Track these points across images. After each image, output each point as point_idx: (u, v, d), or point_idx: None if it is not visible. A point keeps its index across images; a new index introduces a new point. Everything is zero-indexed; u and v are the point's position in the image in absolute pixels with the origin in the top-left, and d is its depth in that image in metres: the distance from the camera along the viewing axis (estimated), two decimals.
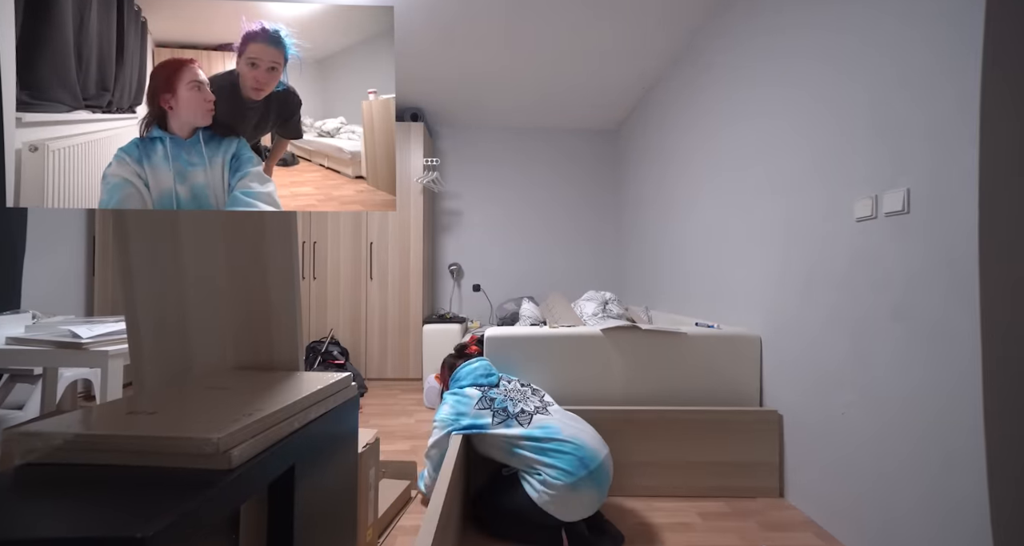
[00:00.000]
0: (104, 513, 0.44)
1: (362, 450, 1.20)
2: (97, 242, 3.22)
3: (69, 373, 2.35)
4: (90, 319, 1.86)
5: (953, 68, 1.13)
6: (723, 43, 2.30)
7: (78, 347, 1.52)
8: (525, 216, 4.25)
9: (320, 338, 3.52)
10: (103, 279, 3.22)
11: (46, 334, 1.58)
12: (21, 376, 2.28)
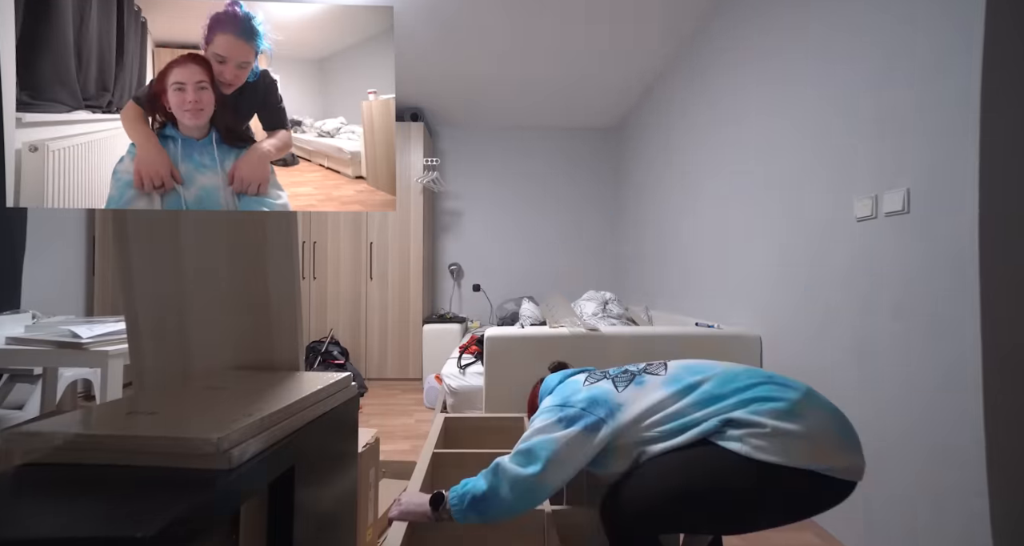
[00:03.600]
0: (104, 513, 0.44)
1: (362, 450, 1.20)
2: (97, 242, 3.22)
3: (69, 373, 2.35)
4: (90, 319, 1.87)
5: (953, 67, 1.13)
6: (722, 43, 2.30)
7: (78, 347, 1.52)
8: (525, 216, 4.25)
9: (320, 338, 3.52)
10: (103, 279, 3.22)
11: (46, 334, 1.58)
12: (21, 376, 2.28)
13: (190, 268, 0.89)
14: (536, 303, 3.54)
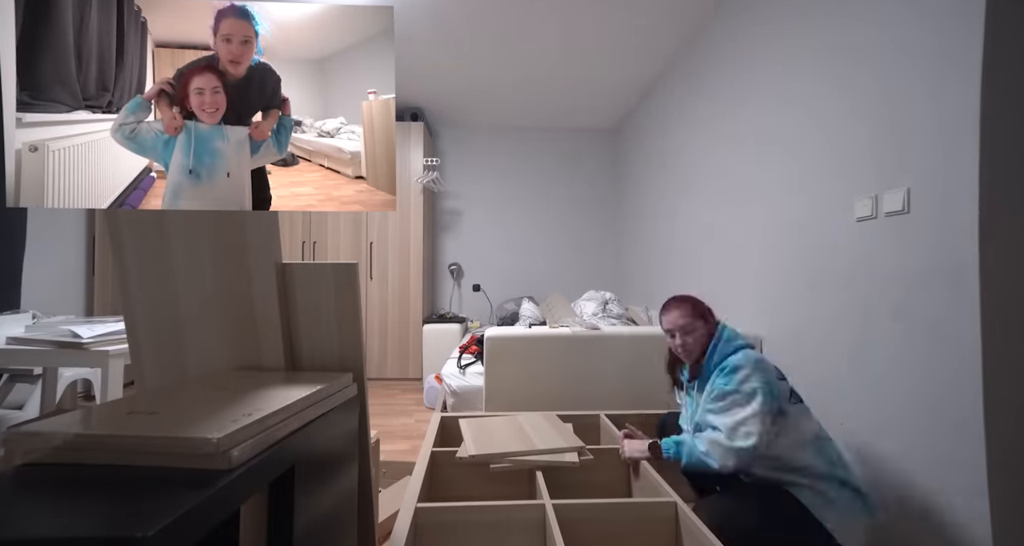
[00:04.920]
0: (104, 513, 0.44)
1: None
2: (97, 242, 3.22)
3: (69, 373, 2.35)
4: (90, 319, 1.87)
5: (954, 67, 1.13)
6: (723, 43, 2.30)
7: (78, 347, 1.52)
8: (525, 216, 4.25)
9: None
10: (103, 279, 3.22)
11: (46, 334, 1.58)
12: (21, 376, 2.28)
13: (180, 270, 0.89)
14: (536, 303, 3.55)
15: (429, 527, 1.08)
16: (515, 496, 1.35)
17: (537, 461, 1.34)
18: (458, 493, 1.38)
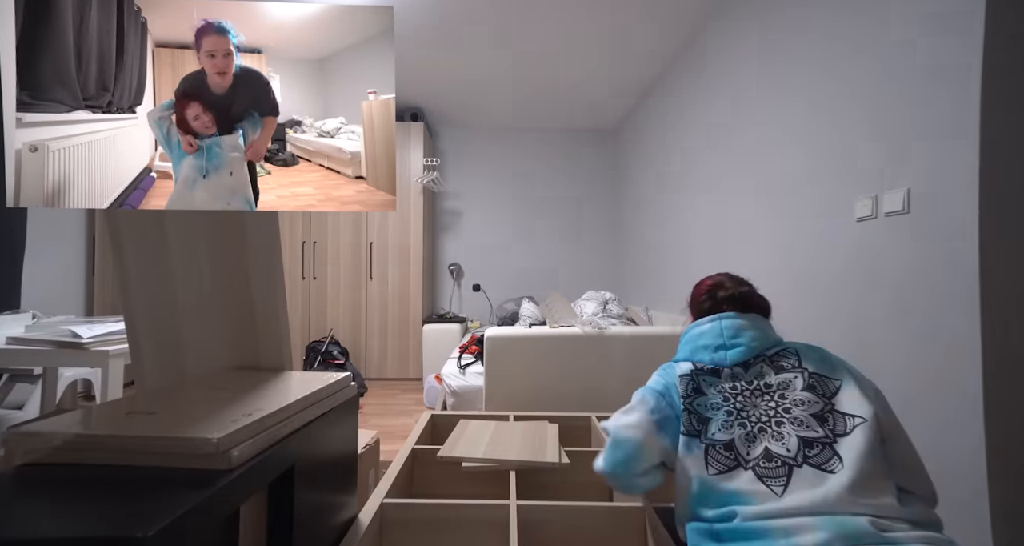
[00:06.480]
0: (104, 513, 0.44)
1: (362, 450, 1.20)
2: (97, 242, 3.22)
3: (69, 373, 2.35)
4: (90, 319, 1.87)
5: (954, 68, 1.13)
6: (722, 44, 2.30)
7: (78, 347, 1.52)
8: (525, 216, 4.25)
9: (320, 338, 3.52)
10: (103, 279, 3.22)
11: (46, 334, 1.58)
12: (21, 376, 2.28)
13: (178, 270, 0.89)
14: (536, 303, 3.54)
15: (395, 523, 1.07)
16: (495, 496, 1.33)
17: (511, 461, 1.32)
18: (439, 491, 1.37)
